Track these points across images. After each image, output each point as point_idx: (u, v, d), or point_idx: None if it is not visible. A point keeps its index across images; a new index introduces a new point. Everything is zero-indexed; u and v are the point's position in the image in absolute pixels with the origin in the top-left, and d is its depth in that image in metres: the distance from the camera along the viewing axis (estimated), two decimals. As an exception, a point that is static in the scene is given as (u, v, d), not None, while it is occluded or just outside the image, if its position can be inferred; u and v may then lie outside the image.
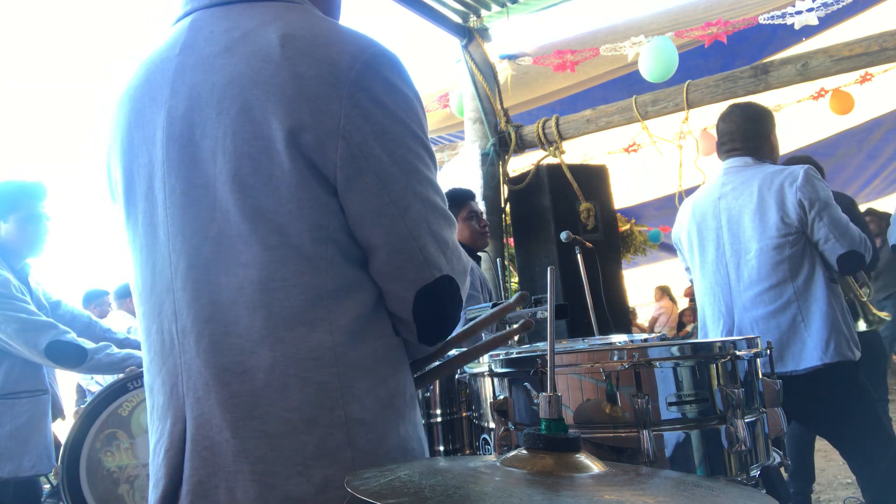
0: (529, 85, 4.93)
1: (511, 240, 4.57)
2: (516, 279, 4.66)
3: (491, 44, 4.60)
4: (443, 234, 0.93)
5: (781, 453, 1.36)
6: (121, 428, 2.58)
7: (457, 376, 1.75)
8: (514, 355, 1.36)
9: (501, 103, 4.50)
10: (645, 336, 2.42)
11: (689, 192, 3.29)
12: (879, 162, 7.09)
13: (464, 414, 1.77)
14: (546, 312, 0.87)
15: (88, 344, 2.63)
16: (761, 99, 3.08)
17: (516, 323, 1.38)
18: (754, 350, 1.32)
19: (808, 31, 4.15)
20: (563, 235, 2.80)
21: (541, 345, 1.28)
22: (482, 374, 1.49)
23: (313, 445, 0.86)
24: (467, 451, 1.76)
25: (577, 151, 5.88)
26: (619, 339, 1.94)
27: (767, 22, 3.89)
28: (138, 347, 2.88)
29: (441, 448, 1.76)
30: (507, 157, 4.51)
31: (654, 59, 4.01)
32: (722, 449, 1.19)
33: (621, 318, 4.05)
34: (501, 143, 4.49)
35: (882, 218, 4.50)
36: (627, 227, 8.01)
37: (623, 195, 6.79)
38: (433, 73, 5.56)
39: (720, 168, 2.67)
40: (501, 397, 1.32)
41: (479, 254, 3.42)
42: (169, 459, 0.90)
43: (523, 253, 4.35)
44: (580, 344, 1.72)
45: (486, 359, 1.41)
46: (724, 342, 1.27)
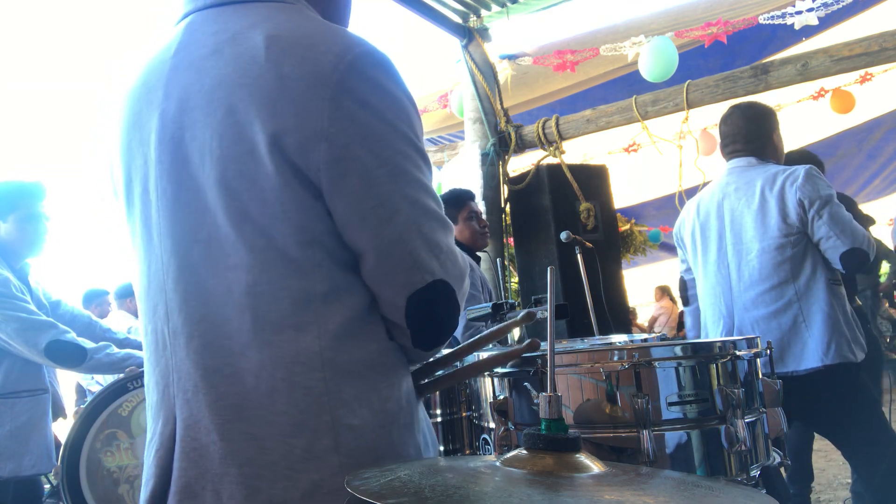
0: (529, 85, 4.93)
1: (511, 240, 4.57)
2: (516, 279, 4.66)
3: (491, 44, 4.60)
4: (435, 238, 0.90)
5: (781, 453, 1.36)
6: (121, 428, 2.58)
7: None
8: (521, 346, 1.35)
9: (501, 103, 4.50)
10: (645, 336, 2.42)
11: (689, 192, 3.29)
12: (879, 162, 7.09)
13: (464, 414, 1.77)
14: (546, 312, 0.87)
15: (88, 344, 2.63)
16: (761, 99, 3.08)
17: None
18: (754, 350, 1.32)
19: (808, 31, 4.14)
20: (563, 235, 2.80)
21: (541, 345, 1.28)
22: (482, 374, 1.49)
23: (300, 450, 0.85)
24: (467, 451, 1.76)
25: (577, 151, 5.88)
26: (619, 339, 1.94)
27: (767, 22, 3.89)
28: (138, 347, 2.89)
29: (441, 448, 1.76)
30: (507, 157, 4.50)
31: (654, 59, 4.01)
32: (722, 449, 1.19)
33: (621, 318, 4.05)
34: (501, 143, 4.49)
35: (865, 220, 4.49)
36: (627, 227, 8.01)
37: (623, 195, 6.78)
38: (433, 73, 5.56)
39: (724, 168, 2.67)
40: (501, 397, 1.32)
41: (478, 254, 3.42)
42: (159, 459, 0.91)
43: (523, 253, 4.35)
44: (580, 344, 1.72)
45: (485, 358, 1.41)
46: (724, 342, 1.27)
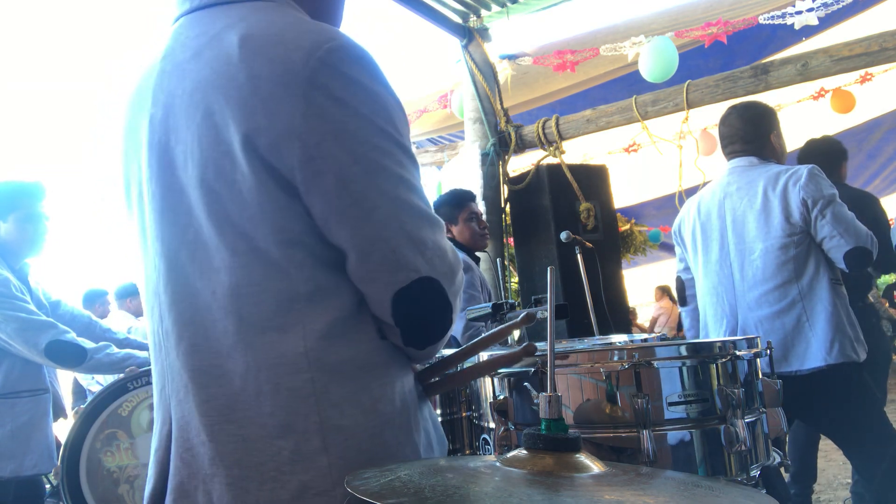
0: (529, 85, 4.93)
1: (511, 240, 4.56)
2: (516, 279, 4.66)
3: (491, 44, 4.60)
4: (419, 234, 0.88)
5: (781, 453, 1.36)
6: (121, 428, 2.58)
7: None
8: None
9: (501, 103, 4.50)
10: (645, 336, 2.42)
11: (689, 192, 3.28)
12: (879, 162, 7.08)
13: (464, 414, 1.77)
14: (546, 312, 0.86)
15: (88, 344, 2.63)
16: (761, 99, 3.07)
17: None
18: (754, 350, 1.32)
19: (808, 31, 4.14)
20: (563, 235, 2.80)
21: (541, 345, 1.27)
22: (484, 377, 1.49)
23: (289, 451, 0.85)
24: (467, 451, 1.76)
25: (577, 151, 5.88)
26: (619, 339, 1.94)
27: (767, 22, 3.88)
28: (138, 347, 2.89)
29: (441, 448, 1.75)
30: (507, 157, 4.50)
31: (654, 59, 4.01)
32: (722, 449, 1.19)
33: (621, 318, 4.05)
34: (501, 143, 4.49)
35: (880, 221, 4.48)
36: (627, 227, 8.01)
37: (623, 195, 6.78)
38: (433, 73, 5.57)
39: (725, 168, 2.66)
40: (501, 397, 1.32)
41: (478, 254, 3.42)
42: (158, 458, 0.93)
43: (523, 253, 4.35)
44: (580, 344, 1.72)
45: (486, 359, 1.41)
46: (724, 342, 1.27)
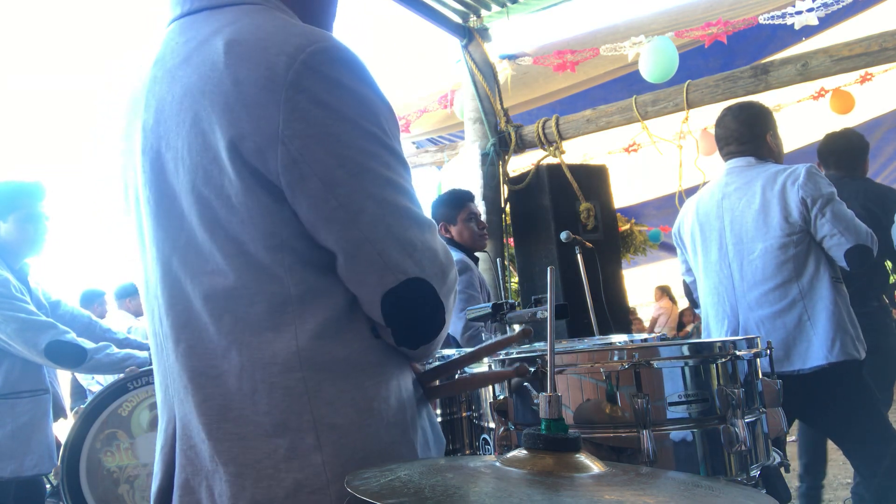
0: (529, 85, 4.93)
1: (511, 240, 4.56)
2: (516, 279, 4.66)
3: (491, 44, 4.60)
4: (407, 236, 0.88)
5: (781, 453, 1.36)
6: (121, 428, 2.58)
7: (457, 375, 1.74)
8: (514, 355, 1.36)
9: (501, 103, 4.50)
10: (645, 336, 2.42)
11: (689, 192, 3.28)
12: (879, 162, 7.08)
13: (464, 414, 1.77)
14: (546, 312, 0.87)
15: (88, 344, 2.63)
16: (761, 99, 3.07)
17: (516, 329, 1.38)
18: (754, 350, 1.32)
19: (808, 31, 4.14)
20: (563, 235, 2.80)
21: (541, 345, 1.28)
22: (486, 386, 1.48)
23: (284, 449, 0.86)
24: (467, 451, 1.76)
25: (577, 151, 5.88)
26: (619, 339, 1.94)
27: (767, 22, 3.88)
28: (138, 347, 2.89)
29: (441, 448, 1.75)
30: (507, 157, 4.50)
31: (655, 59, 4.01)
32: (722, 449, 1.19)
33: (621, 318, 4.05)
34: (501, 143, 4.49)
35: None
36: (627, 227, 8.01)
37: (623, 195, 6.78)
38: (433, 73, 5.56)
39: (723, 168, 2.67)
40: (501, 397, 1.31)
41: (477, 254, 3.42)
42: (164, 456, 0.95)
43: (523, 253, 4.35)
44: (580, 344, 1.72)
45: (486, 358, 1.41)
46: (724, 342, 1.27)
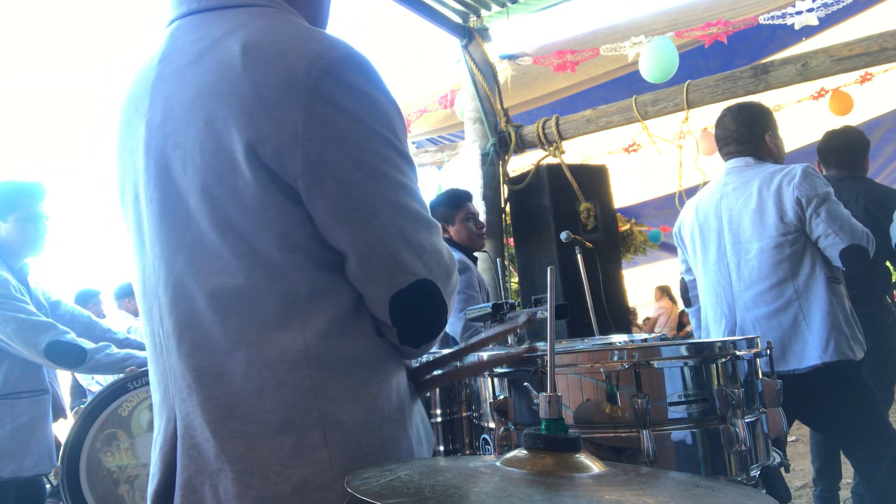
0: (529, 85, 4.93)
1: (511, 240, 4.56)
2: (516, 279, 4.66)
3: (491, 44, 4.60)
4: (417, 238, 0.91)
5: (781, 453, 1.36)
6: (121, 428, 2.58)
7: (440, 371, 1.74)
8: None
9: (501, 103, 4.50)
10: (645, 336, 2.42)
11: (689, 191, 3.29)
12: (879, 162, 7.08)
13: (464, 414, 1.77)
14: (546, 312, 0.87)
15: (88, 344, 2.63)
16: (761, 99, 3.07)
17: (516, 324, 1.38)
18: (754, 350, 1.32)
19: (808, 31, 4.14)
20: (563, 235, 2.80)
21: (541, 345, 1.28)
22: (480, 375, 1.48)
23: (290, 446, 0.87)
24: (467, 451, 1.76)
25: (577, 151, 5.87)
26: (619, 339, 1.94)
27: (767, 22, 3.88)
28: (138, 347, 2.89)
29: (441, 448, 1.76)
30: (507, 157, 4.50)
31: (655, 59, 4.01)
32: (722, 449, 1.19)
33: (621, 318, 4.05)
34: (501, 143, 4.49)
35: None
36: (627, 227, 8.01)
37: (623, 195, 6.77)
38: (433, 73, 5.56)
39: (723, 168, 2.68)
40: (501, 397, 1.32)
41: (477, 254, 3.42)
42: (163, 456, 0.94)
43: (523, 253, 4.34)
44: (580, 344, 1.72)
45: (486, 359, 1.41)
46: (723, 342, 1.27)
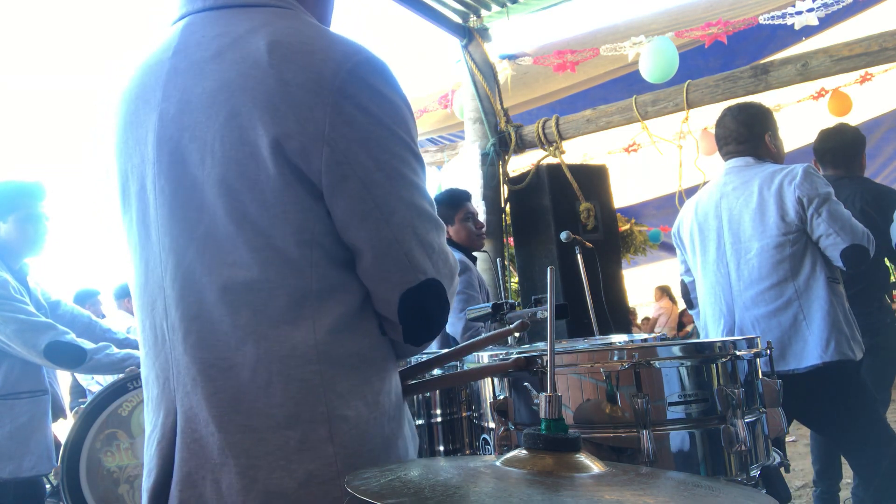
0: (529, 85, 4.93)
1: (511, 240, 4.56)
2: (516, 279, 4.66)
3: (491, 44, 4.60)
4: (428, 238, 0.94)
5: (781, 453, 1.36)
6: (121, 428, 2.58)
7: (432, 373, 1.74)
8: (514, 355, 1.36)
9: (501, 103, 4.50)
10: (645, 336, 2.42)
11: (689, 191, 3.28)
12: (879, 162, 7.08)
13: (464, 414, 1.77)
14: (546, 312, 0.87)
15: (88, 344, 2.63)
16: (761, 99, 3.07)
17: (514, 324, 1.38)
18: (754, 350, 1.32)
19: (808, 31, 4.14)
20: (563, 235, 2.80)
21: (541, 345, 1.28)
22: (468, 383, 1.48)
23: (296, 440, 0.88)
24: (467, 451, 1.75)
25: (577, 151, 5.88)
26: (619, 339, 1.94)
27: (767, 22, 3.88)
28: (138, 347, 2.88)
29: (441, 448, 1.75)
30: (507, 157, 4.50)
31: (655, 60, 4.01)
32: (722, 449, 1.19)
33: (621, 318, 4.05)
34: (501, 143, 4.49)
35: None
36: (627, 227, 8.01)
37: (623, 195, 6.78)
38: (433, 73, 5.56)
39: (722, 168, 2.68)
40: (501, 397, 1.31)
41: (477, 254, 3.42)
42: (161, 450, 0.94)
43: (523, 253, 4.35)
44: (580, 344, 1.72)
45: (486, 359, 1.41)
46: (724, 342, 1.27)
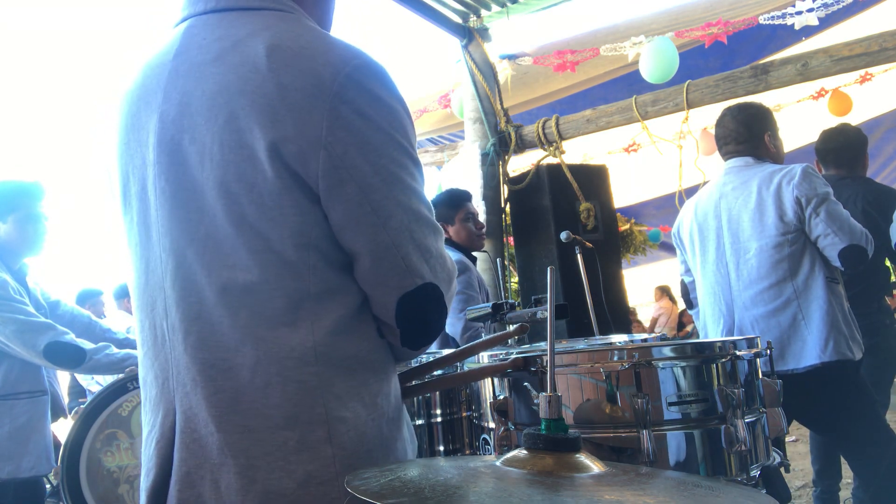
0: (529, 85, 4.93)
1: (511, 240, 4.56)
2: (516, 279, 4.66)
3: (491, 44, 4.60)
4: (426, 243, 0.94)
5: (781, 453, 1.36)
6: (121, 428, 2.58)
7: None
8: (514, 355, 1.36)
9: (501, 103, 4.50)
10: (645, 336, 2.42)
11: (689, 191, 3.28)
12: (879, 162, 7.08)
13: (464, 414, 1.77)
14: (546, 312, 0.87)
15: (87, 344, 2.62)
16: (761, 99, 3.08)
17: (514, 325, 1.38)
18: (754, 350, 1.32)
19: (808, 31, 4.14)
20: (563, 235, 2.80)
21: (541, 345, 1.28)
22: (468, 383, 1.48)
23: (294, 441, 0.88)
24: (467, 451, 1.75)
25: (577, 151, 5.88)
26: (619, 339, 1.94)
27: (767, 22, 3.88)
28: (138, 347, 2.88)
29: (441, 448, 1.75)
30: (507, 157, 4.50)
31: (655, 60, 4.01)
32: (722, 449, 1.19)
33: (621, 318, 4.05)
34: (501, 143, 4.49)
35: None
36: (627, 227, 8.01)
37: (623, 195, 6.78)
38: (433, 73, 5.56)
39: (722, 168, 2.68)
40: (501, 397, 1.31)
41: (477, 254, 3.42)
42: (160, 450, 0.94)
43: (523, 253, 4.35)
44: (580, 344, 1.72)
45: (486, 359, 1.41)
46: (724, 342, 1.27)
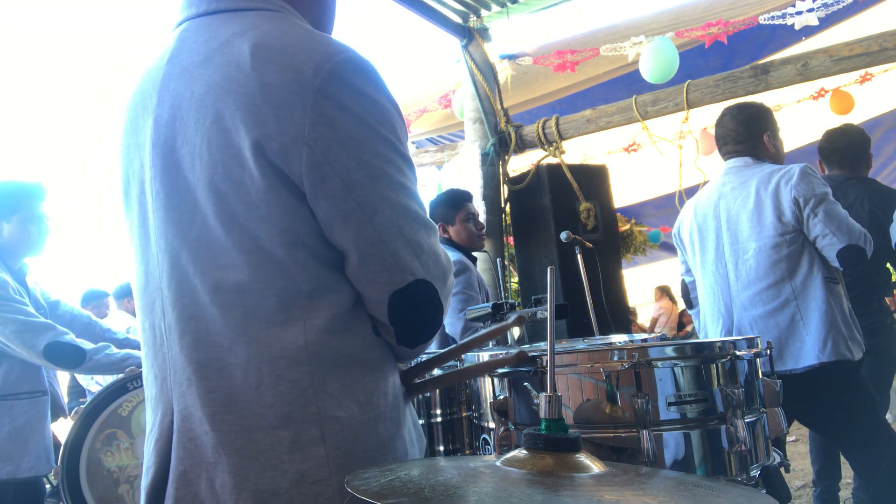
0: (529, 85, 4.93)
1: (511, 240, 4.56)
2: (516, 279, 4.66)
3: (491, 44, 4.60)
4: (416, 238, 0.93)
5: (781, 453, 1.36)
6: (121, 428, 2.58)
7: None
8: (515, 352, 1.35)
9: (501, 103, 4.50)
10: (645, 336, 2.42)
11: (689, 191, 3.29)
12: (879, 161, 7.07)
13: (464, 414, 1.77)
14: (546, 312, 0.87)
15: (87, 344, 2.62)
16: (761, 99, 3.07)
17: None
18: (754, 350, 1.32)
19: (808, 31, 4.14)
20: (563, 235, 2.80)
21: (541, 345, 1.28)
22: (472, 378, 1.48)
23: (288, 440, 0.88)
24: (467, 451, 1.76)
25: (577, 151, 5.87)
26: (619, 339, 1.94)
27: (767, 22, 3.88)
28: (138, 347, 2.88)
29: (441, 448, 1.76)
30: (507, 157, 4.50)
31: (655, 60, 4.01)
32: (722, 449, 1.19)
33: (621, 318, 4.05)
34: (501, 143, 4.49)
35: None
36: (627, 227, 8.00)
37: (623, 195, 6.77)
38: (433, 73, 5.56)
39: (721, 168, 2.68)
40: (501, 397, 1.32)
41: (475, 254, 3.41)
42: (158, 449, 0.95)
43: (523, 253, 4.34)
44: (580, 344, 1.72)
45: (486, 359, 1.41)
46: (724, 342, 1.27)
